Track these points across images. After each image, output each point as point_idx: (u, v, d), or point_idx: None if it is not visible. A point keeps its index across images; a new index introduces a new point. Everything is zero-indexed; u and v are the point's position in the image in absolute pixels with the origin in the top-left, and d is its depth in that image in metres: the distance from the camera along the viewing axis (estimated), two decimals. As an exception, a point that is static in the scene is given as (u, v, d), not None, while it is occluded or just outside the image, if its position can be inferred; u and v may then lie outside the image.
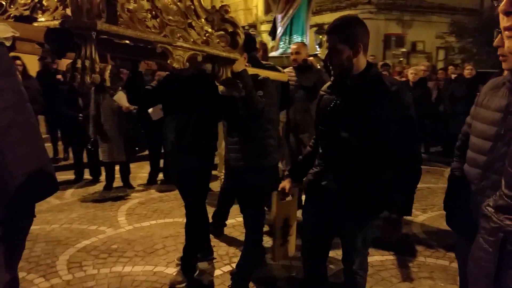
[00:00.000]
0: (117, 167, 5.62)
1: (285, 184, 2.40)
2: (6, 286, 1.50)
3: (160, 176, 5.89)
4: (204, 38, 2.15)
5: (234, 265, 3.22)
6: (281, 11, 6.66)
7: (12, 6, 1.80)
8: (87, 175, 6.02)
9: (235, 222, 4.16)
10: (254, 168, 2.80)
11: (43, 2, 1.73)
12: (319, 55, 6.81)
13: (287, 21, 6.52)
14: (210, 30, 2.20)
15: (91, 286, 3.06)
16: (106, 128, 5.40)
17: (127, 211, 4.73)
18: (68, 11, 1.60)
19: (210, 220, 3.51)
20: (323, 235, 2.23)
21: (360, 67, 1.98)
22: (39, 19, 1.68)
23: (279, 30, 6.73)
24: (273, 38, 6.98)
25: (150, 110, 4.49)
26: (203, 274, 3.26)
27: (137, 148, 5.84)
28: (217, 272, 3.30)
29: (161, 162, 5.86)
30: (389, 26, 13.54)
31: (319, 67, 4.60)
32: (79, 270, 3.30)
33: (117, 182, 5.64)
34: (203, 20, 2.20)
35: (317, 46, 9.21)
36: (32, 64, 6.60)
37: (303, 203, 2.37)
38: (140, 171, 6.30)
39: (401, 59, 12.87)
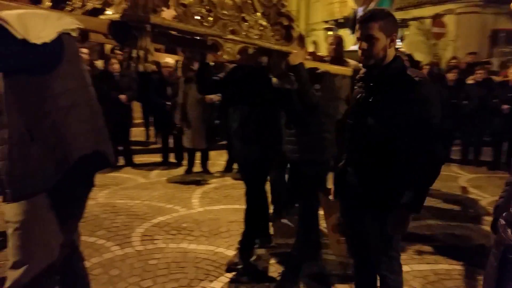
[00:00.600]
0: (198, 154, 6.01)
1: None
2: (62, 246, 1.75)
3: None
4: (258, 31, 2.23)
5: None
6: (361, 4, 6.47)
7: (89, 1, 2.07)
8: (172, 159, 6.51)
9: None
10: (309, 160, 2.83)
11: (112, -1, 1.96)
12: (401, 49, 6.49)
13: (368, 14, 6.31)
14: (265, 23, 2.28)
15: (158, 258, 3.35)
16: (190, 117, 5.79)
17: (202, 194, 5.04)
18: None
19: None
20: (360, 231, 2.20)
21: (389, 58, 1.93)
22: (106, 12, 1.91)
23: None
24: (353, 32, 6.83)
25: None
26: (259, 259, 3.37)
27: (217, 138, 6.19)
28: (272, 260, 3.39)
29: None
30: (498, 20, 12.24)
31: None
32: (150, 243, 3.63)
33: (197, 167, 6.03)
34: (258, 14, 2.28)
35: (399, 41, 8.78)
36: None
37: None
38: (220, 159, 6.62)
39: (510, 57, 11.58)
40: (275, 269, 3.25)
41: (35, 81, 1.56)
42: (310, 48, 11.17)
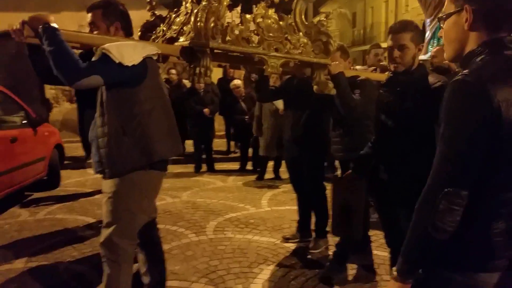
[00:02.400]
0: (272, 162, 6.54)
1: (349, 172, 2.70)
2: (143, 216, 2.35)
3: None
4: (299, 48, 2.69)
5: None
6: (430, 15, 6.54)
7: (168, 30, 2.71)
8: (249, 167, 7.12)
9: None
10: (352, 160, 3.17)
11: (184, 28, 2.57)
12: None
13: (436, 25, 6.36)
14: (305, 41, 2.73)
15: (226, 245, 3.89)
16: (264, 127, 6.36)
17: (271, 196, 5.54)
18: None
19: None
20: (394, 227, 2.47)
21: (415, 65, 2.23)
22: (179, 40, 2.52)
23: (427, 34, 6.61)
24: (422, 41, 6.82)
25: None
26: (317, 245, 3.72)
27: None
28: (326, 252, 3.74)
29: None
30: None
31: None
32: (221, 233, 4.20)
33: (270, 174, 6.55)
34: (301, 33, 2.75)
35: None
36: (216, 72, 8.14)
37: None
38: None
39: None
40: (327, 261, 3.59)
41: (127, 92, 2.19)
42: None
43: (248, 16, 2.54)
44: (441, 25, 1.35)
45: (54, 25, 1.95)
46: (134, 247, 2.37)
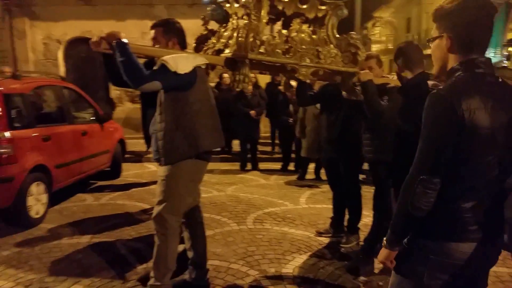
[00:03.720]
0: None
1: None
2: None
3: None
4: (329, 58, 3.04)
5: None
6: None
7: (217, 43, 3.16)
8: (291, 167, 7.48)
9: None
10: (382, 161, 3.45)
11: (229, 41, 3.01)
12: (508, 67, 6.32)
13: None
14: (335, 52, 3.08)
15: (263, 235, 4.29)
16: (307, 129, 6.69)
17: (309, 195, 5.87)
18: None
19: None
20: None
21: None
22: (225, 52, 2.96)
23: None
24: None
25: None
26: (348, 240, 4.01)
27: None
28: (356, 248, 4.02)
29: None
30: None
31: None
32: (260, 224, 4.61)
33: (311, 175, 6.87)
34: (331, 45, 3.10)
35: (504, 59, 8.26)
36: (265, 78, 8.60)
37: None
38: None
39: None
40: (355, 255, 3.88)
41: (180, 95, 2.65)
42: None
43: (284, 31, 2.93)
44: (430, 44, 1.68)
45: (125, 40, 2.46)
46: (179, 223, 2.84)
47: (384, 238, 1.65)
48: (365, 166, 4.07)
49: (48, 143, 4.78)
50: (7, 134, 4.22)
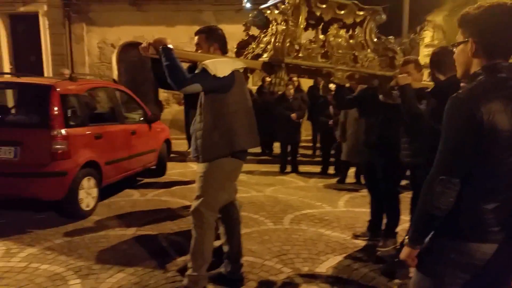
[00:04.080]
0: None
1: None
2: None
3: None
4: (366, 62, 3.09)
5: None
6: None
7: (256, 48, 3.30)
8: (331, 171, 7.48)
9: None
10: (419, 164, 3.44)
11: (268, 46, 3.13)
12: None
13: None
14: (372, 56, 3.12)
15: (299, 235, 4.37)
16: (348, 133, 6.68)
17: (348, 199, 5.87)
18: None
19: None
20: None
21: None
22: (263, 56, 3.09)
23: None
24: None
25: None
26: (385, 244, 3.99)
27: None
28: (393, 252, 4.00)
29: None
30: None
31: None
32: (296, 224, 4.69)
33: (351, 178, 6.85)
34: (368, 50, 3.15)
35: None
36: (308, 81, 8.64)
37: None
38: (374, 173, 7.26)
39: None
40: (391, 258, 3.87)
41: (219, 97, 2.81)
42: None
43: (321, 36, 3.02)
44: (454, 50, 1.72)
45: (170, 46, 2.65)
46: (215, 218, 2.99)
47: (406, 236, 1.70)
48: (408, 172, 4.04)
49: (100, 141, 5.13)
50: (63, 131, 4.58)
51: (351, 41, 3.10)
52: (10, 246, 3.92)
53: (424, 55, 10.41)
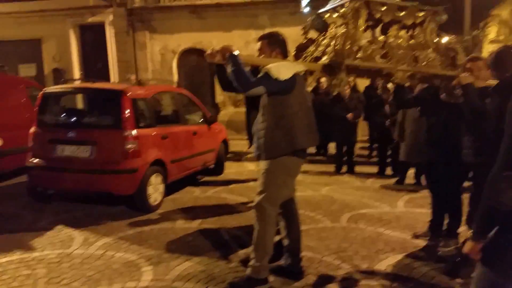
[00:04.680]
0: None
1: None
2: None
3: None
4: (426, 62, 3.12)
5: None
6: None
7: (316, 51, 3.43)
8: (389, 172, 7.38)
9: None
10: (483, 163, 3.39)
11: (327, 49, 3.25)
12: None
13: None
14: (433, 56, 3.14)
15: (356, 233, 4.40)
16: (406, 132, 6.57)
17: (408, 199, 5.79)
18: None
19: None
20: None
21: None
22: (322, 59, 3.21)
23: None
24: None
25: None
26: (447, 244, 3.94)
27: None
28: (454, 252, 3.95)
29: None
30: None
31: None
32: (354, 223, 4.74)
33: (410, 179, 6.73)
34: (429, 50, 3.18)
35: None
36: (364, 81, 8.58)
37: None
38: (433, 175, 7.08)
39: None
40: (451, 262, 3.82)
41: (280, 98, 2.98)
42: None
43: (380, 37, 3.09)
44: None
45: (236, 52, 2.85)
46: (276, 213, 3.15)
47: (470, 231, 1.75)
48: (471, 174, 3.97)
49: (166, 140, 5.49)
50: (134, 132, 4.96)
51: (411, 41, 3.14)
52: (88, 235, 4.33)
53: (488, 52, 9.98)
